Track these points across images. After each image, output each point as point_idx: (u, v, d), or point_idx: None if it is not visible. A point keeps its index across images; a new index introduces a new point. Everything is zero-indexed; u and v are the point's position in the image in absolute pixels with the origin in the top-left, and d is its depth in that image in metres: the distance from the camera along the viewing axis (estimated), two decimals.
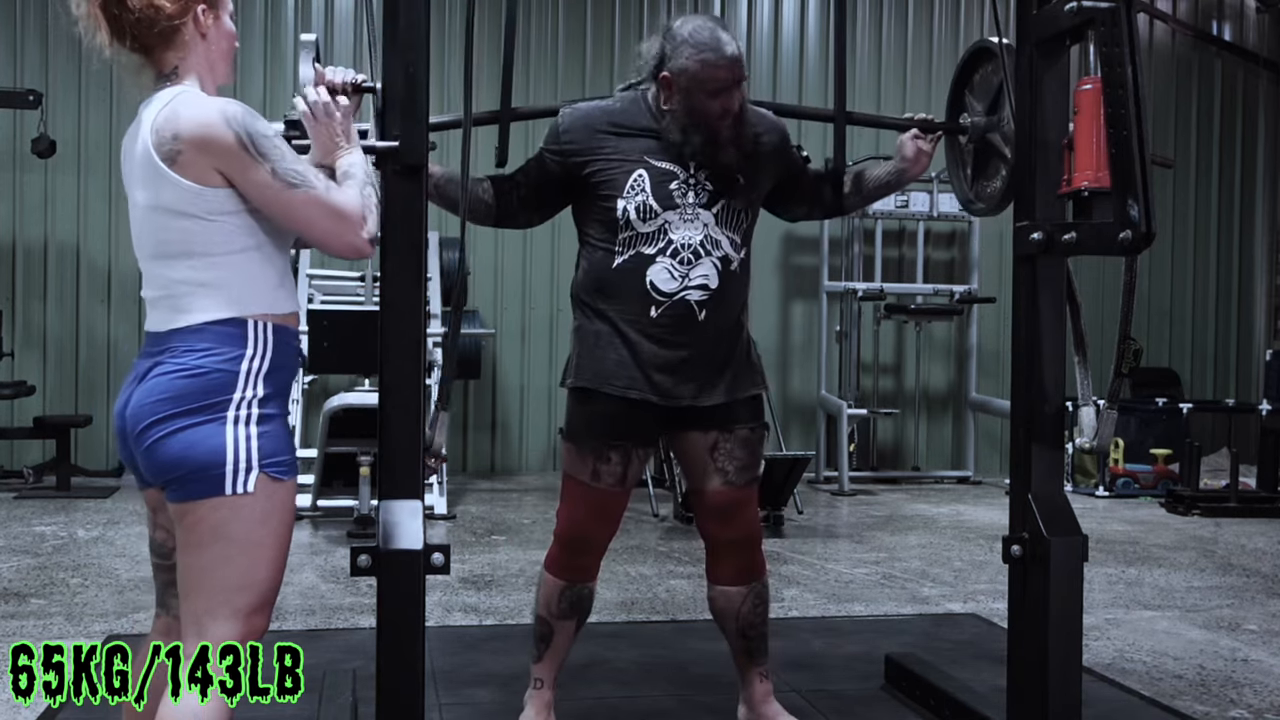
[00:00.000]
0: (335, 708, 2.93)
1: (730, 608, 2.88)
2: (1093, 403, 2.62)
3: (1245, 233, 9.70)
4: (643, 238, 2.66)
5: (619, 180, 2.66)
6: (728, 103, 2.61)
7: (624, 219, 2.66)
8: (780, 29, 8.83)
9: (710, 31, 2.59)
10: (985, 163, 2.99)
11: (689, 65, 2.57)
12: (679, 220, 2.66)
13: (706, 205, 2.67)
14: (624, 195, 2.66)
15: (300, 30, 8.16)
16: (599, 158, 2.68)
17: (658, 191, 2.65)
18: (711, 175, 2.67)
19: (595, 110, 2.73)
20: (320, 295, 7.34)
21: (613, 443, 2.74)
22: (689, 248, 2.65)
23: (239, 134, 1.84)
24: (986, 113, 2.95)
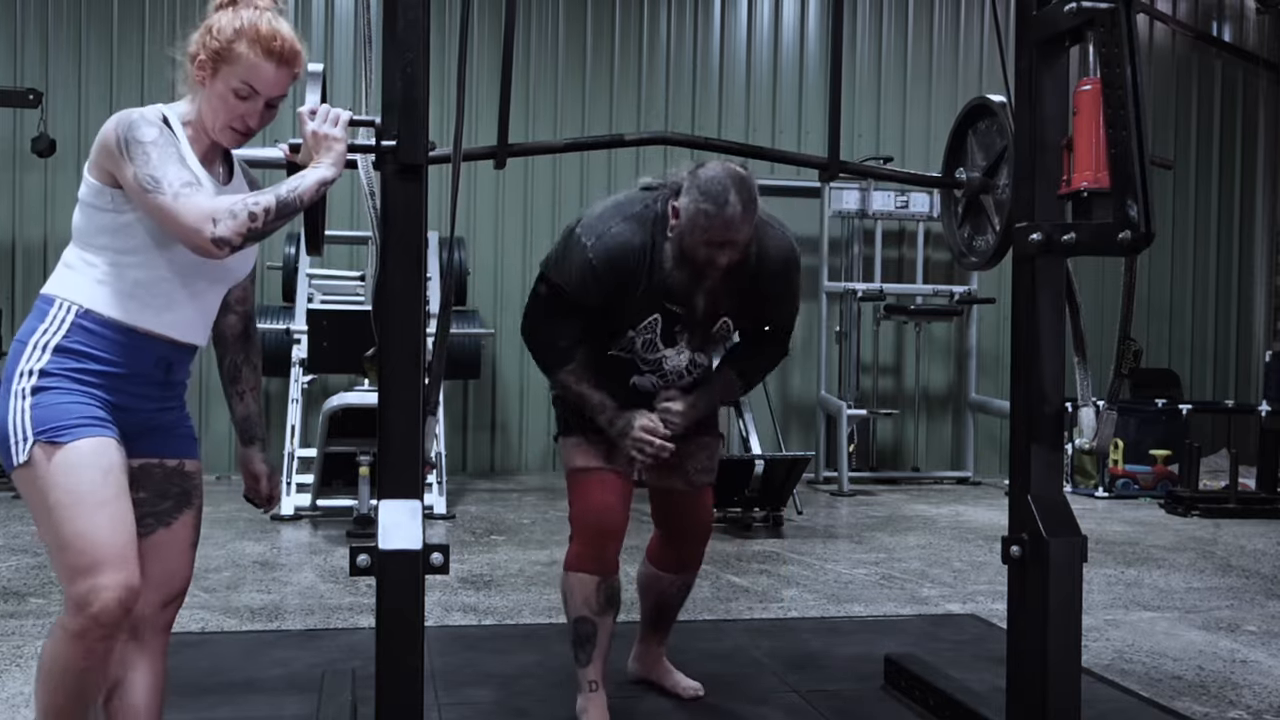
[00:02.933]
0: (335, 708, 2.93)
1: (657, 587, 3.14)
2: (1092, 403, 2.62)
3: (1245, 233, 9.70)
4: (640, 358, 2.87)
5: (636, 318, 2.82)
6: (715, 256, 2.68)
7: (630, 343, 2.85)
8: (780, 29, 8.83)
9: (723, 185, 2.64)
10: (978, 218, 2.98)
11: (689, 209, 2.66)
12: (674, 354, 2.88)
13: (699, 347, 2.90)
14: (636, 330, 2.83)
15: (300, 30, 8.15)
16: (626, 296, 2.77)
17: (665, 335, 2.85)
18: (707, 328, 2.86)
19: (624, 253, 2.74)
20: (320, 295, 7.34)
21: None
22: (675, 371, 2.90)
23: (119, 137, 2.02)
24: (985, 172, 2.93)
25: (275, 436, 7.91)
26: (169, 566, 2.18)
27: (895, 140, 8.82)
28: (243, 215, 1.97)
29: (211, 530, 5.79)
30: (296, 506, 6.19)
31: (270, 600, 4.36)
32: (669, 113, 8.57)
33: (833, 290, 8.33)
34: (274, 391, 7.95)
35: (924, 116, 8.93)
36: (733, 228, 2.65)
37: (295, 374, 6.65)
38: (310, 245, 2.50)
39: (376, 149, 2.18)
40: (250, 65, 2.07)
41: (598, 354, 2.88)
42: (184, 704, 3.12)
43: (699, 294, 2.75)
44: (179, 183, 1.97)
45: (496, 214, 8.30)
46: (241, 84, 2.07)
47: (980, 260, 2.97)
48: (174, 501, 2.20)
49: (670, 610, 3.19)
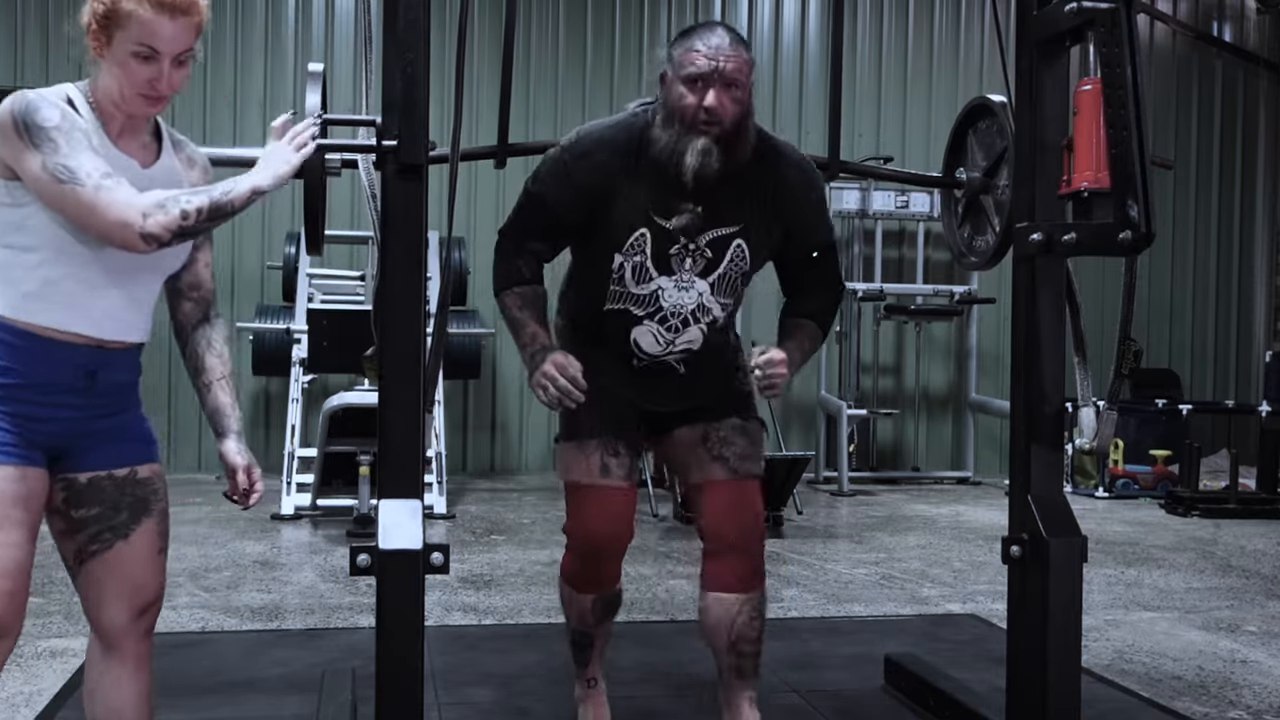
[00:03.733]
0: (335, 707, 2.93)
1: (725, 618, 2.63)
2: (1092, 403, 2.62)
3: (1245, 233, 9.70)
4: (633, 297, 2.55)
5: (620, 236, 2.50)
6: (704, 95, 2.36)
7: (619, 274, 2.53)
8: (780, 29, 8.83)
9: (709, 28, 2.42)
10: (978, 218, 2.98)
11: (675, 53, 2.41)
12: (673, 288, 2.54)
13: (703, 274, 2.53)
14: (623, 252, 2.51)
15: (300, 30, 8.17)
16: (605, 206, 2.49)
17: (656, 256, 2.50)
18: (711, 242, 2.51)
19: (600, 148, 2.51)
20: (320, 295, 7.34)
21: (617, 432, 2.60)
22: (679, 315, 2.56)
23: (17, 121, 1.83)
24: (985, 172, 2.93)
25: (275, 436, 7.92)
26: (135, 579, 2.06)
27: (895, 140, 8.82)
28: (174, 212, 1.86)
29: (212, 530, 5.79)
30: (296, 506, 6.19)
31: (270, 600, 4.36)
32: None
33: None
34: (274, 391, 7.95)
35: (924, 116, 8.93)
36: (720, 55, 2.34)
37: (295, 374, 6.65)
38: (310, 245, 2.50)
39: (377, 149, 2.18)
40: (143, 23, 1.88)
41: (593, 311, 2.60)
42: (184, 704, 3.12)
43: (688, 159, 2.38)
44: (98, 173, 1.83)
45: (496, 214, 8.27)
46: (139, 45, 1.88)
47: (980, 260, 2.97)
48: (129, 512, 2.06)
49: (747, 645, 2.66)
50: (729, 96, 2.38)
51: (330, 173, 2.36)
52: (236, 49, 8.10)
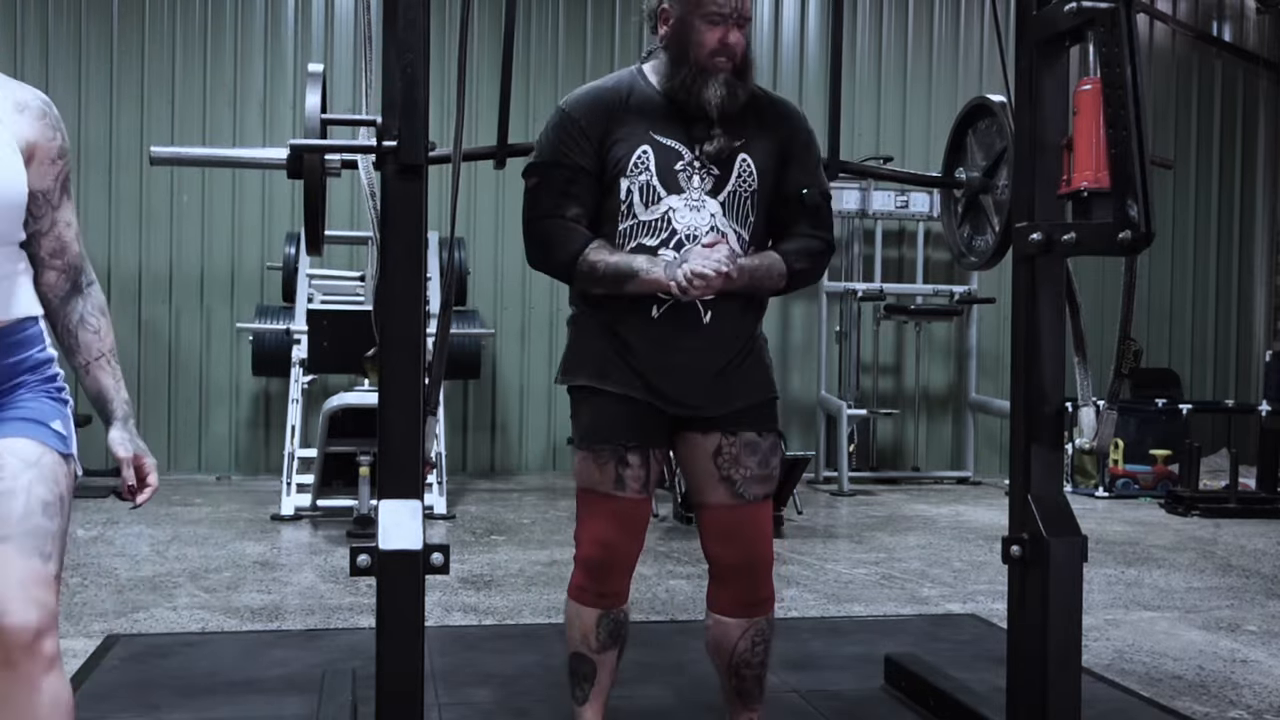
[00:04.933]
0: (335, 708, 2.93)
1: (725, 641, 2.58)
2: (1092, 403, 2.62)
3: (1245, 233, 9.70)
4: (645, 227, 2.45)
5: (624, 159, 2.45)
6: (724, 36, 2.39)
7: (627, 202, 2.45)
8: (780, 29, 8.83)
9: None
10: (977, 218, 2.98)
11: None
12: (684, 207, 2.45)
13: (712, 192, 2.46)
14: (628, 174, 2.45)
15: (300, 30, 8.17)
16: (611, 137, 2.47)
17: (662, 172, 2.44)
18: (715, 157, 2.45)
19: (595, 90, 2.54)
20: (320, 295, 7.35)
21: (633, 443, 2.50)
22: (694, 239, 2.43)
23: None
24: (985, 172, 2.93)
25: (275, 437, 7.93)
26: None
27: (895, 140, 8.82)
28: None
29: (212, 531, 5.80)
30: (296, 507, 6.19)
31: (270, 600, 4.36)
32: None
33: (833, 290, 8.33)
34: (274, 392, 7.95)
35: (924, 116, 8.93)
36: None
37: (295, 374, 6.66)
38: (310, 245, 2.50)
39: (377, 149, 2.18)
40: None
41: None
42: (184, 704, 3.12)
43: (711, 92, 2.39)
44: None
45: (496, 214, 8.30)
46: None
47: (980, 260, 2.97)
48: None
49: (747, 669, 2.60)
50: (740, 31, 2.42)
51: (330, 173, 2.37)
52: (236, 49, 8.10)
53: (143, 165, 7.87)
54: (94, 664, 3.46)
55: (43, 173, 1.88)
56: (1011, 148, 2.73)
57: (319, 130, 2.34)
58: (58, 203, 1.92)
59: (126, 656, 3.55)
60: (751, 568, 2.55)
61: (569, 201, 2.49)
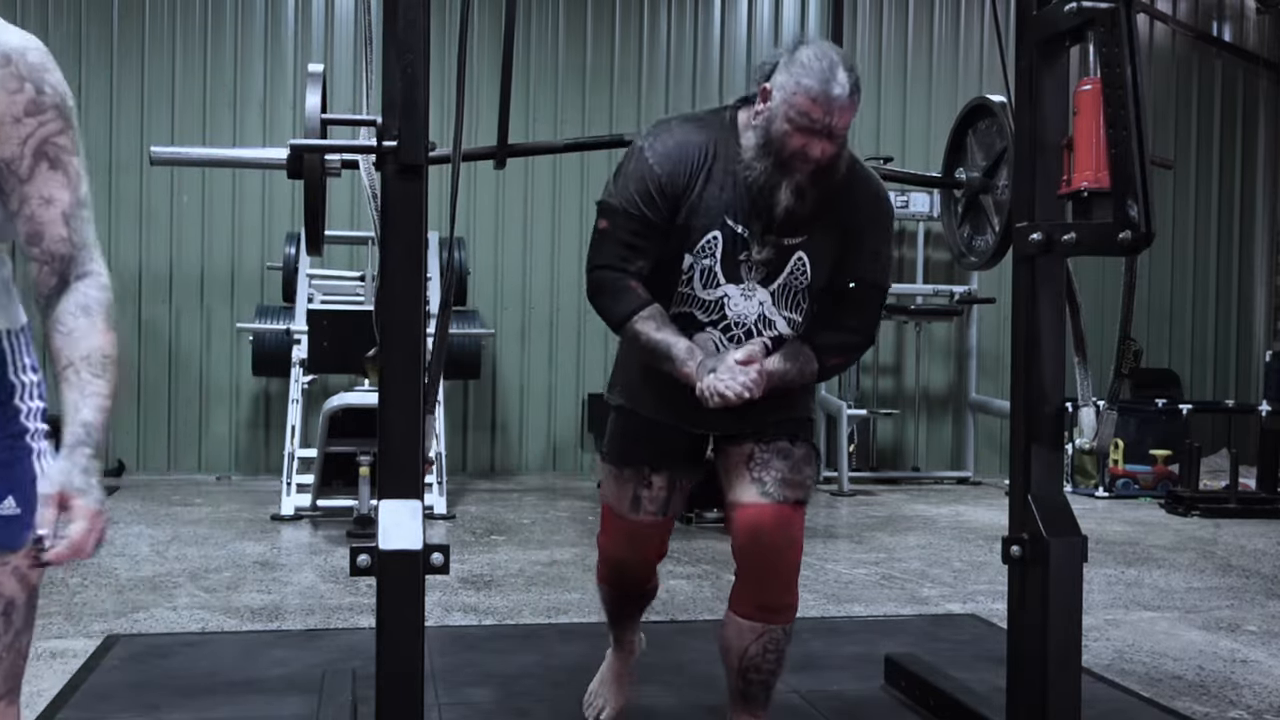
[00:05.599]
0: (335, 708, 2.93)
1: (738, 643, 2.57)
2: (1092, 403, 2.62)
3: (1245, 233, 9.70)
4: (700, 302, 2.46)
5: (694, 237, 2.42)
6: (810, 146, 2.30)
7: (688, 275, 2.44)
8: (780, 29, 8.83)
9: (828, 62, 2.29)
10: (978, 218, 2.98)
11: (786, 85, 2.30)
12: (739, 295, 2.44)
13: (764, 282, 2.45)
14: (694, 253, 2.43)
15: (300, 30, 8.17)
16: (686, 206, 2.41)
17: (726, 260, 2.42)
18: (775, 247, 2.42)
19: (682, 146, 2.43)
20: (320, 295, 7.35)
21: (657, 466, 2.56)
22: (742, 325, 2.45)
23: None
24: (985, 172, 2.93)
25: (275, 437, 7.93)
26: None
27: (895, 140, 8.82)
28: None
29: (212, 531, 5.79)
30: (296, 507, 6.19)
31: (270, 600, 4.36)
32: (669, 113, 8.56)
33: None
34: (274, 392, 7.95)
35: (924, 116, 8.93)
36: (835, 109, 2.26)
37: (295, 374, 6.66)
38: (310, 245, 2.50)
39: (377, 149, 2.18)
40: None
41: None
42: (184, 704, 3.12)
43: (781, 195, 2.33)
44: None
45: (496, 214, 8.30)
46: None
47: (980, 260, 2.98)
48: None
49: (756, 674, 2.59)
50: (832, 143, 2.33)
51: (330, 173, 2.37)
52: (236, 49, 8.10)
53: (143, 165, 7.87)
54: (94, 664, 3.46)
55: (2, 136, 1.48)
56: (1011, 148, 2.73)
57: (319, 130, 2.35)
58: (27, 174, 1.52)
59: (126, 656, 3.55)
60: (774, 571, 2.52)
61: (634, 255, 2.43)
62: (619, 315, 2.44)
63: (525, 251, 8.37)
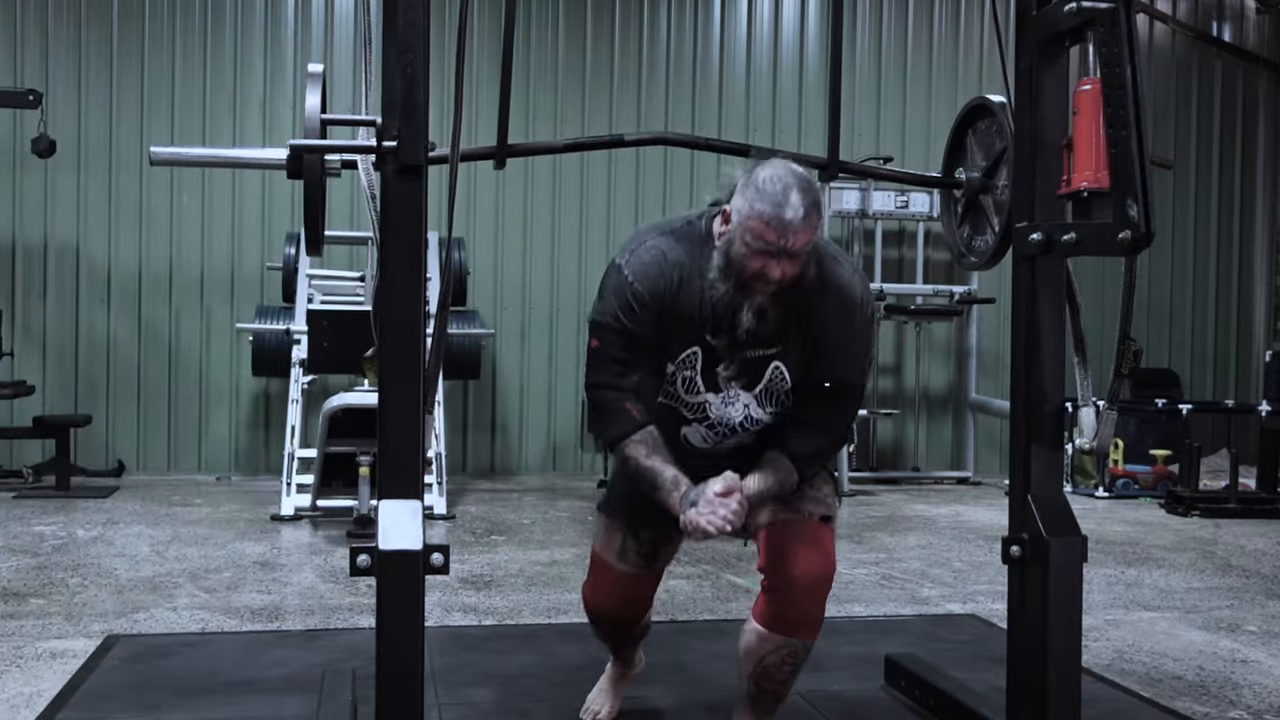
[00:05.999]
0: (335, 707, 2.93)
1: (755, 650, 2.59)
2: (1092, 403, 2.62)
3: (1245, 233, 9.70)
4: (684, 403, 2.53)
5: (675, 348, 2.48)
6: (767, 269, 2.32)
7: (671, 380, 2.51)
8: (780, 29, 8.83)
9: (783, 185, 2.30)
10: (977, 218, 2.98)
11: (741, 209, 2.32)
12: (719, 402, 2.51)
13: (746, 388, 2.51)
14: (675, 362, 2.49)
15: (300, 30, 8.17)
16: (667, 320, 2.45)
17: (706, 371, 2.48)
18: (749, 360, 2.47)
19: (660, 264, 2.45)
20: (320, 295, 7.35)
21: (649, 519, 2.59)
22: (726, 424, 2.54)
23: None
24: (985, 172, 2.92)
25: (275, 437, 7.93)
26: None
27: (895, 140, 8.82)
28: None
29: (212, 531, 5.80)
30: (296, 507, 6.19)
31: (270, 600, 4.36)
32: (669, 113, 8.57)
33: None
34: (274, 392, 7.95)
35: (924, 116, 8.93)
36: (790, 232, 2.28)
37: (295, 374, 6.66)
38: (310, 245, 2.50)
39: (377, 149, 2.18)
40: None
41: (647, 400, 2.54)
42: (184, 704, 3.12)
43: (743, 316, 2.37)
44: None
45: (496, 214, 8.30)
46: None
47: (980, 260, 2.97)
48: None
49: (768, 682, 2.62)
50: (792, 263, 2.33)
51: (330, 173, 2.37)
52: (236, 49, 8.10)
53: (143, 165, 7.88)
54: (94, 664, 3.45)
55: None
56: (1011, 148, 2.73)
57: (319, 130, 2.34)
58: None
59: (126, 656, 3.54)
60: (805, 586, 2.51)
61: (627, 370, 2.46)
62: (612, 437, 2.48)
63: (525, 251, 8.38)
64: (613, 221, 8.46)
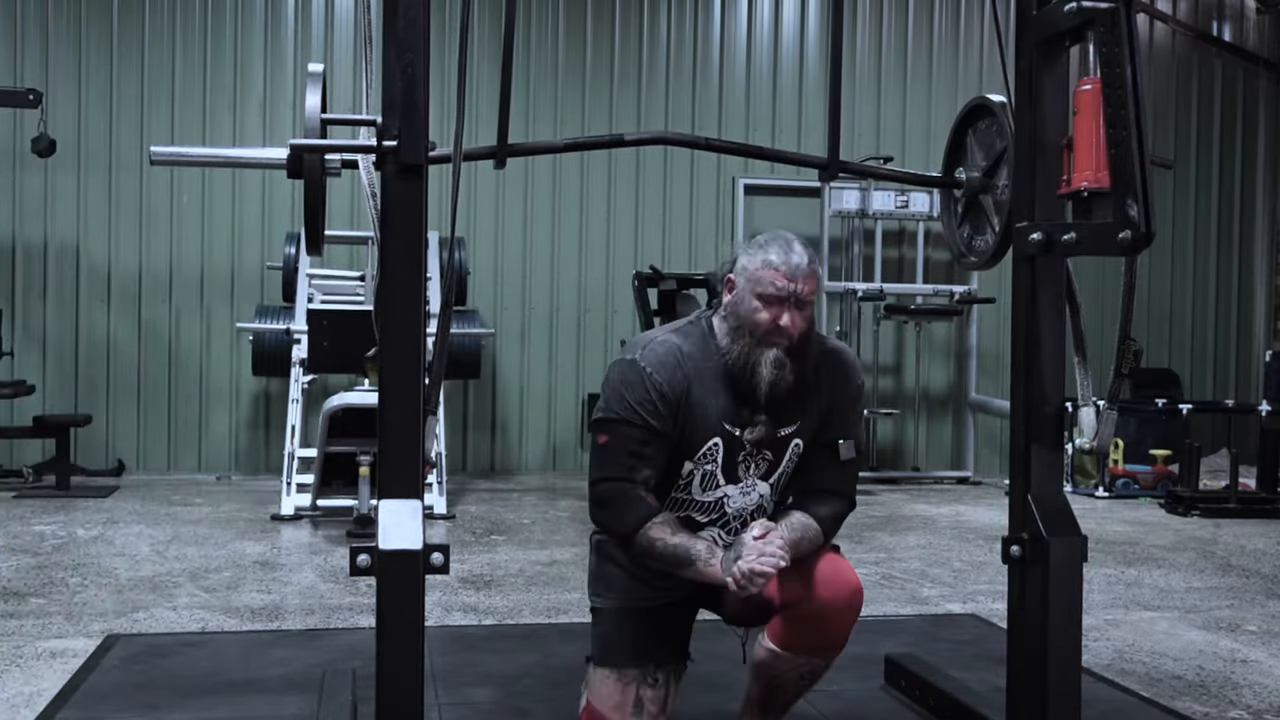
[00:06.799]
0: (335, 707, 2.93)
1: (774, 668, 2.59)
2: (1092, 403, 2.62)
3: (1245, 233, 9.70)
4: (697, 505, 2.52)
5: (694, 444, 2.47)
6: (779, 315, 2.39)
7: (686, 480, 2.50)
8: (780, 29, 8.83)
9: (785, 239, 2.43)
10: (978, 218, 2.98)
11: (749, 263, 2.42)
12: (738, 494, 2.52)
13: (764, 476, 2.54)
14: (694, 460, 2.48)
15: (300, 30, 8.17)
16: (689, 407, 2.45)
17: (726, 463, 2.49)
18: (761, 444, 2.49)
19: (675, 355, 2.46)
20: (320, 295, 7.35)
21: (660, 661, 2.53)
22: (739, 518, 2.54)
23: None
24: (985, 172, 2.92)
25: (275, 436, 7.93)
26: None
27: (895, 140, 8.82)
28: None
29: (212, 530, 5.79)
30: (296, 507, 6.19)
31: (270, 600, 4.36)
32: (669, 113, 8.57)
33: (833, 290, 8.33)
34: (274, 391, 7.95)
35: (924, 116, 8.93)
36: (799, 276, 2.38)
37: (295, 374, 6.66)
38: (310, 245, 2.50)
39: (377, 149, 2.18)
40: None
41: None
42: (184, 704, 3.12)
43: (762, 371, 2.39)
44: None
45: (496, 214, 8.30)
46: None
47: (980, 260, 2.97)
48: None
49: (782, 697, 2.65)
50: (801, 315, 2.42)
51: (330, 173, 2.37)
52: (236, 49, 8.10)
53: (143, 165, 7.88)
54: (94, 664, 3.46)
55: None
56: (1011, 148, 2.73)
57: (319, 130, 2.34)
58: None
59: (126, 656, 3.55)
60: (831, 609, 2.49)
61: (640, 464, 2.43)
62: (630, 524, 2.43)
63: (525, 251, 8.38)
64: (613, 221, 8.47)
